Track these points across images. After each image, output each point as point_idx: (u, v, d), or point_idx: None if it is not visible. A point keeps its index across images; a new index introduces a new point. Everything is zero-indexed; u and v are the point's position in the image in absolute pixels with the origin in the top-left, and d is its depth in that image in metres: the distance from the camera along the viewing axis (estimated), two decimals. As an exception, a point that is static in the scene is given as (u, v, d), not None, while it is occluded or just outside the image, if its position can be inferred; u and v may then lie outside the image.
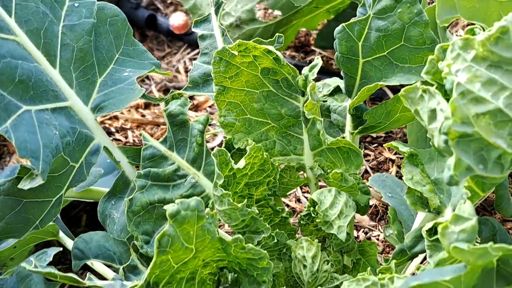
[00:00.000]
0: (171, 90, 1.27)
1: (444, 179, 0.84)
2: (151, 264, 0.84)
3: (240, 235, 0.89)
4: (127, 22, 1.30)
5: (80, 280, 0.96)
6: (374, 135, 1.82)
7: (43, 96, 1.17)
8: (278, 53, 1.11)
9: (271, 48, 1.10)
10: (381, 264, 1.18)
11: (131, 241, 1.15)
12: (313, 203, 1.10)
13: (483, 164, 0.82)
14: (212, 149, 1.88)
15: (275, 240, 1.09)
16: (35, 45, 1.20)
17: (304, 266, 1.09)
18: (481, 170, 0.82)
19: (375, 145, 1.81)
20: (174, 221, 0.82)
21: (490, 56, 0.81)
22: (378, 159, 1.76)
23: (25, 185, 1.13)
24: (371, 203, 1.66)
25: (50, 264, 1.08)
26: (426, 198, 1.05)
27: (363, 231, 1.60)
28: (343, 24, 1.19)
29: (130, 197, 1.13)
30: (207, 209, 0.84)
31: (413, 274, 1.35)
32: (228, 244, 0.88)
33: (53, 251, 1.11)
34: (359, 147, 1.80)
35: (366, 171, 1.74)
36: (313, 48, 2.17)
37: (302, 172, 1.24)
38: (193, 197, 0.82)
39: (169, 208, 0.81)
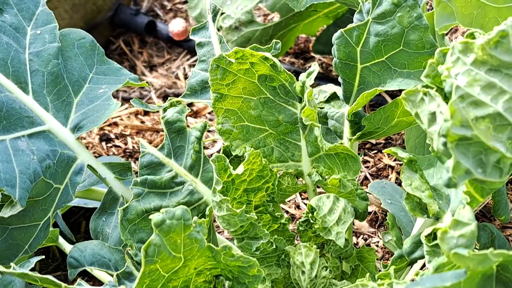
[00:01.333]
0: (169, 98, 1.28)
1: (442, 181, 0.84)
2: (140, 273, 0.83)
3: (229, 243, 0.88)
4: (95, 43, 1.33)
5: (58, 281, 0.95)
6: (373, 141, 1.82)
7: (17, 124, 1.18)
8: (275, 59, 1.11)
9: (268, 55, 1.10)
10: (380, 270, 1.18)
11: (126, 248, 1.15)
12: (312, 209, 1.10)
13: (482, 168, 0.81)
14: (211, 155, 1.88)
15: (274, 246, 1.08)
16: (4, 75, 1.22)
17: (303, 272, 1.09)
18: (480, 174, 0.82)
19: (375, 151, 1.80)
20: (160, 231, 0.81)
21: (489, 60, 0.81)
22: (378, 166, 1.76)
23: (5, 213, 1.14)
24: (370, 209, 1.65)
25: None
26: (425, 204, 1.04)
27: (362, 238, 1.60)
28: (342, 30, 1.18)
29: (125, 205, 1.12)
30: (195, 218, 0.84)
31: (412, 280, 1.35)
32: (218, 252, 0.88)
33: (35, 259, 1.11)
34: (359, 154, 1.80)
35: (365, 178, 1.73)
36: (312, 54, 2.17)
37: (300, 179, 1.24)
38: (179, 206, 0.82)
39: (154, 218, 0.81)
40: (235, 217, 1.00)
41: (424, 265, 1.24)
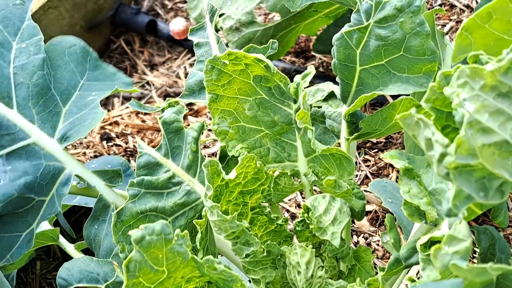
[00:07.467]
0: (167, 98, 1.27)
1: (443, 211, 0.82)
2: (123, 286, 0.83)
3: (211, 256, 0.87)
4: (88, 48, 1.32)
5: None
6: (374, 140, 1.82)
7: None
8: (268, 61, 1.10)
9: (261, 56, 1.09)
10: (376, 272, 1.17)
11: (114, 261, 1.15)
12: (307, 210, 1.10)
13: (484, 192, 0.79)
14: (213, 154, 1.88)
15: (264, 254, 1.07)
16: None
17: (299, 272, 1.08)
18: (482, 197, 0.79)
19: (375, 150, 1.80)
20: (140, 247, 0.80)
21: (499, 86, 0.79)
22: (378, 165, 1.76)
23: None
24: (371, 208, 1.65)
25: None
26: (423, 209, 1.03)
27: (363, 237, 1.60)
28: (342, 31, 1.17)
29: (120, 207, 1.12)
30: (177, 230, 0.82)
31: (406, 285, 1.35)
32: (201, 264, 0.86)
33: None
34: (359, 153, 1.80)
35: (366, 176, 1.73)
36: (313, 53, 2.16)
37: (297, 179, 1.24)
38: (158, 221, 0.81)
39: (134, 234, 0.79)
40: (225, 223, 0.99)
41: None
